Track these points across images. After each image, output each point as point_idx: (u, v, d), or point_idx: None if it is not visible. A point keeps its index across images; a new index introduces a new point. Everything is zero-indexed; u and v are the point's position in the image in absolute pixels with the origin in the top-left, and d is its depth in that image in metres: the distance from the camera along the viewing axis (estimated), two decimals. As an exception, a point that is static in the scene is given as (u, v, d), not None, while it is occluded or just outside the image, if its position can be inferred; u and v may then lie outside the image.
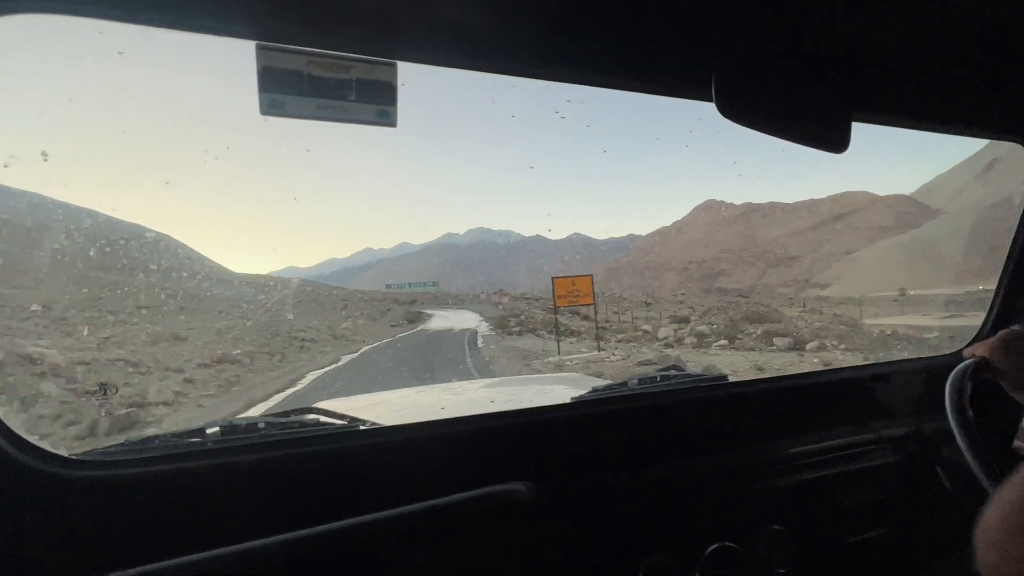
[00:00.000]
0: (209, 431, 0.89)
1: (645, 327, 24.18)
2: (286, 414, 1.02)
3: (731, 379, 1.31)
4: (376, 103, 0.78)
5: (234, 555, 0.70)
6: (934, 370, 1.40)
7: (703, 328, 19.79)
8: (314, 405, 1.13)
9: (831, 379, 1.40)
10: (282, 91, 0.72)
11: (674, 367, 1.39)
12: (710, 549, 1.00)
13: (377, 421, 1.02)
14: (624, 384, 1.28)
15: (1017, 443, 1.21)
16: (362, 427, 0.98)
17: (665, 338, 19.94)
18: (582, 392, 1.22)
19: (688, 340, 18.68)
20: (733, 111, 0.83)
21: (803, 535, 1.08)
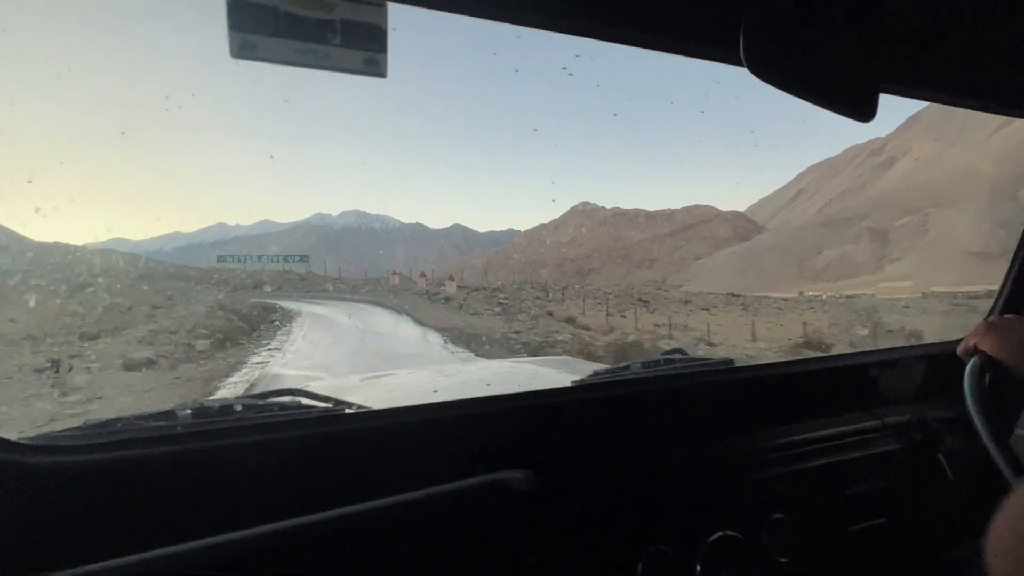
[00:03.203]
0: (180, 413, 0.83)
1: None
2: (264, 396, 0.96)
3: (737, 364, 1.29)
4: (364, 49, 0.69)
5: (208, 548, 0.65)
6: (937, 357, 1.42)
7: None
8: (297, 387, 1.05)
9: (836, 365, 1.37)
10: (254, 30, 0.64)
11: (678, 350, 1.33)
12: (712, 538, 0.98)
13: (365, 404, 0.97)
14: (627, 367, 1.24)
15: (1018, 431, 1.29)
16: (348, 410, 0.93)
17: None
18: (582, 376, 1.19)
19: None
20: (763, 69, 0.79)
21: (805, 523, 1.08)
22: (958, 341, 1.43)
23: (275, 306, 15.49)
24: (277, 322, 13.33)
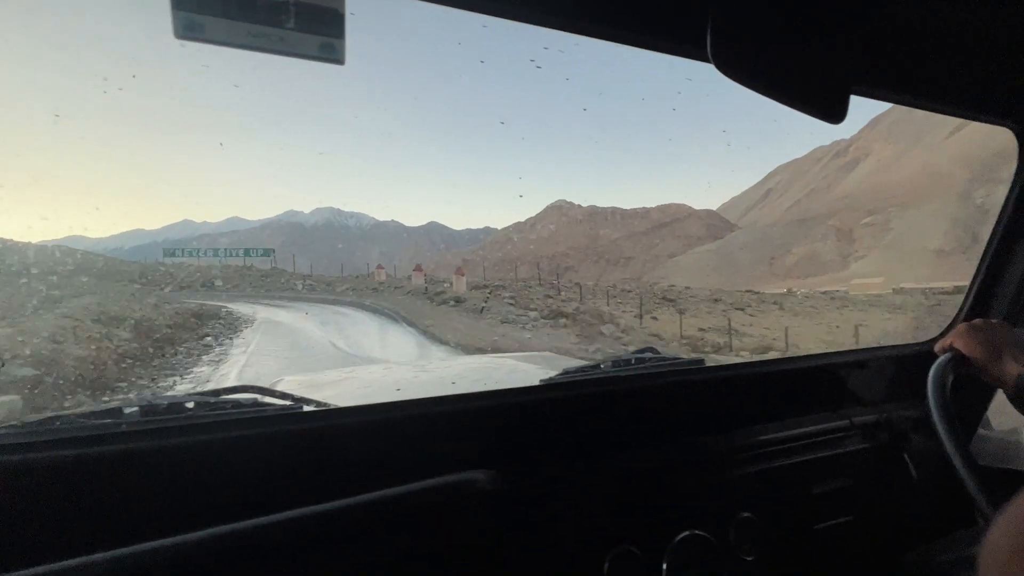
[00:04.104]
0: (127, 411, 0.80)
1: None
2: (218, 393, 0.92)
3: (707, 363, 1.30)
4: (320, 34, 0.66)
5: (154, 551, 0.61)
6: (905, 359, 1.44)
7: None
8: (257, 384, 1.01)
9: (806, 365, 1.39)
10: (200, 10, 0.60)
11: (650, 349, 1.32)
12: (679, 538, 0.99)
13: (328, 402, 0.95)
14: (597, 366, 1.24)
15: (981, 430, 1.36)
16: (307, 408, 0.90)
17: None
18: (553, 374, 1.18)
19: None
20: (730, 66, 0.78)
21: (772, 522, 1.09)
22: (925, 343, 1.44)
23: (219, 311, 11.35)
24: (210, 337, 8.78)
